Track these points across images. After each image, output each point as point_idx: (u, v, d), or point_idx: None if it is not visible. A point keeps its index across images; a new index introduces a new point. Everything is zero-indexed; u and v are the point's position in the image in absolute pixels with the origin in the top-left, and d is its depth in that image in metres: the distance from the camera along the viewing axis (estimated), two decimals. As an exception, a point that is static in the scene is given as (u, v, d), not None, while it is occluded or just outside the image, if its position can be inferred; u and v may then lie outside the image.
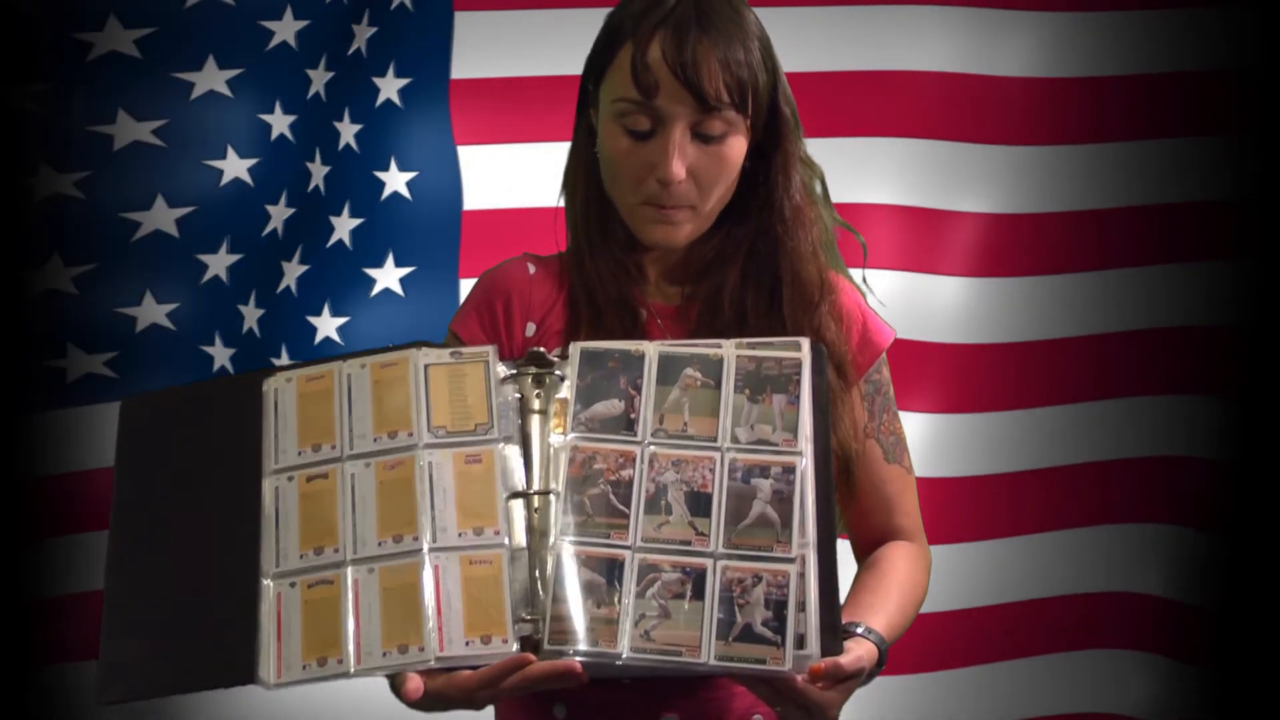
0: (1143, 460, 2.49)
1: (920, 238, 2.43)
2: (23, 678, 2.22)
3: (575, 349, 1.36)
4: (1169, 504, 2.49)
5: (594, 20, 1.50)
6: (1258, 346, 2.37)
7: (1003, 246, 2.44)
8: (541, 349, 1.37)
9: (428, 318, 2.19)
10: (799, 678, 1.25)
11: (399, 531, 1.30)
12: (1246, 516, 2.40)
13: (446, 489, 1.31)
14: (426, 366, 1.36)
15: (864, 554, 1.53)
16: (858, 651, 1.30)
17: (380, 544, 1.30)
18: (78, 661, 2.24)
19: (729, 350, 1.34)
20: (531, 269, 1.54)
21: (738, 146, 1.44)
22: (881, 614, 1.41)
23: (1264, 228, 2.37)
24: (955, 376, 2.46)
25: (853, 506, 1.52)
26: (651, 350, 1.35)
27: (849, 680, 1.30)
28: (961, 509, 2.48)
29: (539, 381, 1.35)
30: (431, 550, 1.29)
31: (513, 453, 1.33)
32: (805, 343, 1.34)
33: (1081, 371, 2.48)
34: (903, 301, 2.31)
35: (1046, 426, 2.49)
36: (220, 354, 2.26)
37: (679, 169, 1.41)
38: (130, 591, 1.33)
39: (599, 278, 1.49)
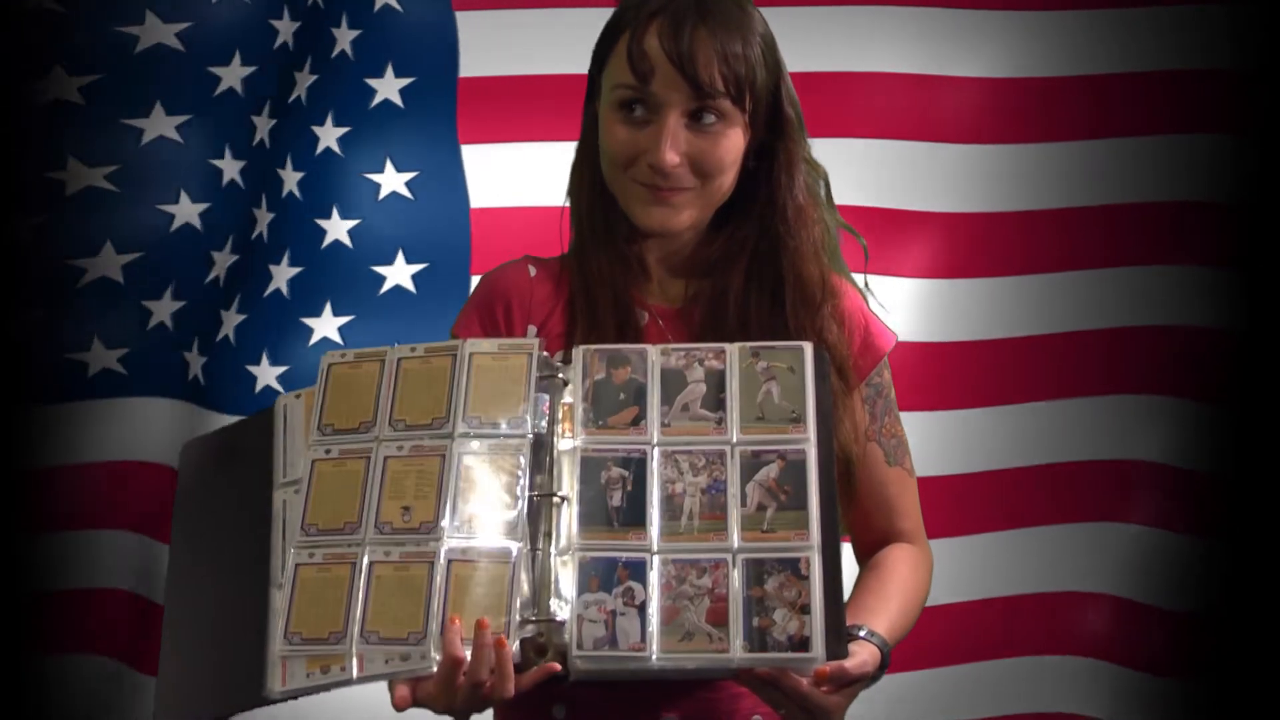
0: (1114, 462, 2.49)
1: (883, 238, 2.41)
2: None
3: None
4: (1132, 505, 2.49)
5: (585, 19, 1.51)
6: (1240, 349, 2.37)
7: (966, 246, 2.43)
8: (545, 353, 1.36)
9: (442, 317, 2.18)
10: (804, 680, 1.25)
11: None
12: (1220, 520, 2.40)
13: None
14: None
15: (866, 556, 1.53)
16: (862, 655, 1.31)
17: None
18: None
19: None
20: (532, 271, 1.53)
21: (734, 138, 1.44)
22: (884, 617, 1.41)
23: (1242, 229, 2.36)
24: (923, 374, 2.45)
25: (854, 509, 1.52)
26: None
27: (853, 684, 1.30)
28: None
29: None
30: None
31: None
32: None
33: (1047, 371, 2.47)
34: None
35: (1011, 425, 2.48)
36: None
37: (672, 155, 1.41)
38: (178, 620, 1.37)
39: (599, 272, 1.48)
